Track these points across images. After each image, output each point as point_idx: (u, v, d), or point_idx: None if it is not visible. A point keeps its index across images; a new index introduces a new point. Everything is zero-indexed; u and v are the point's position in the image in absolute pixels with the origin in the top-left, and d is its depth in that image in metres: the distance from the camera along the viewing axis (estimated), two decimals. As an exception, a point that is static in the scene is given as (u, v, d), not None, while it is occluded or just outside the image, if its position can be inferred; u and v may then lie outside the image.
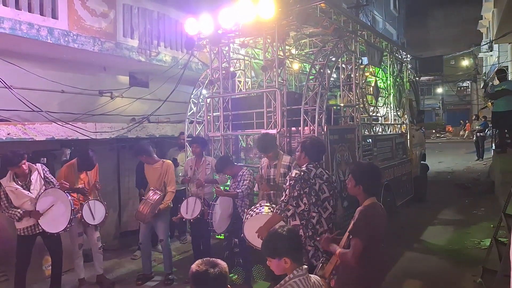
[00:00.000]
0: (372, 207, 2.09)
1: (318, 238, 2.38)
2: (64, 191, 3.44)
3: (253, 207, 3.28)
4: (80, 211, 3.65)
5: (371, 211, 2.07)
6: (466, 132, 24.68)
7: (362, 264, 1.98)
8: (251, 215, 3.15)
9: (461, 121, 25.59)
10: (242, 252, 3.63)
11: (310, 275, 1.68)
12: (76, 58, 4.91)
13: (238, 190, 3.59)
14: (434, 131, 24.70)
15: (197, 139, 4.13)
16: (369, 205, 2.10)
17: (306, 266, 1.67)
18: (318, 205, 2.71)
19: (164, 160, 4.06)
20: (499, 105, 6.75)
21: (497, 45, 14.69)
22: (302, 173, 2.71)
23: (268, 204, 3.21)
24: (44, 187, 3.42)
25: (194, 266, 1.39)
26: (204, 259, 1.42)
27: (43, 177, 3.45)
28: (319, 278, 1.75)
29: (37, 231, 3.37)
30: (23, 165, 3.29)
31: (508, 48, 13.79)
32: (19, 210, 3.27)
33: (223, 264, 1.41)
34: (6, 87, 4.07)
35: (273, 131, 3.88)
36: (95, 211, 3.71)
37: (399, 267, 4.05)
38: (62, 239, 3.58)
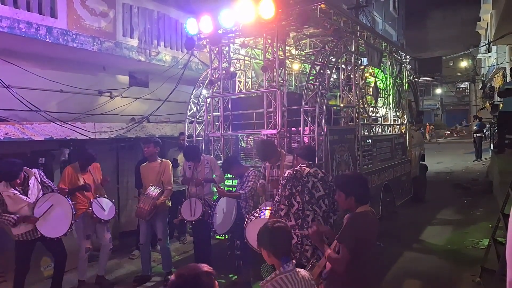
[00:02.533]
0: (361, 214, 2.05)
1: (309, 227, 2.34)
2: (64, 196, 3.40)
3: (254, 212, 3.27)
4: (90, 208, 3.62)
5: (359, 218, 2.03)
6: (426, 134, 24.13)
7: (349, 271, 1.96)
8: (252, 220, 3.15)
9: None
10: (244, 255, 3.62)
11: (299, 269, 1.69)
12: (75, 57, 4.89)
13: (241, 191, 3.58)
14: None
15: (190, 156, 3.92)
16: (358, 212, 2.06)
17: (294, 261, 1.68)
18: (313, 203, 2.71)
19: (163, 159, 4.07)
20: (507, 104, 6.68)
21: (495, 46, 14.76)
22: (294, 172, 2.73)
23: (270, 208, 3.21)
24: (42, 191, 3.36)
25: (173, 278, 1.17)
26: (187, 268, 1.20)
27: (40, 181, 3.38)
28: (307, 272, 1.75)
29: (36, 236, 3.30)
30: (21, 174, 3.24)
31: (506, 49, 13.86)
32: (13, 216, 3.17)
33: (205, 277, 1.17)
34: (4, 87, 4.04)
35: (273, 131, 3.88)
36: (105, 207, 3.71)
37: (398, 267, 4.06)
38: (64, 240, 3.53)
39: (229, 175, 4.07)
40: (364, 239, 2.00)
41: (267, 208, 3.16)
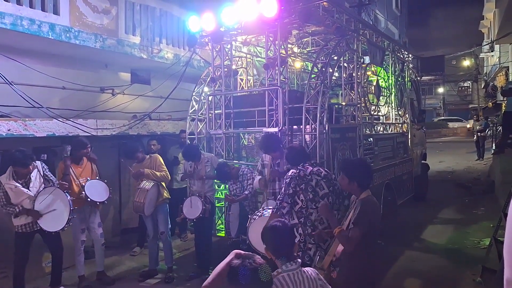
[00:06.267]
0: (371, 200, 2.19)
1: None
2: (63, 191, 3.42)
3: (256, 211, 3.29)
4: (82, 192, 3.61)
5: (371, 204, 2.17)
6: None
7: (364, 256, 2.04)
8: (254, 219, 3.17)
9: None
10: (249, 250, 3.65)
11: (304, 268, 1.69)
12: (77, 54, 4.91)
13: (246, 192, 3.65)
14: None
15: (189, 156, 3.95)
16: (368, 197, 2.19)
17: (299, 260, 1.68)
18: (316, 201, 2.71)
19: (151, 155, 4.10)
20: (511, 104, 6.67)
21: (498, 45, 14.69)
22: (298, 171, 2.74)
23: (271, 207, 3.22)
24: (43, 185, 3.40)
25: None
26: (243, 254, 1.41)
27: (42, 174, 3.43)
28: (315, 270, 1.75)
29: (35, 229, 3.36)
30: (30, 167, 3.29)
31: (509, 48, 13.79)
32: (16, 207, 3.25)
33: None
34: (7, 83, 4.05)
35: (275, 129, 3.88)
36: (99, 190, 3.71)
37: (399, 266, 4.06)
38: (62, 236, 3.57)
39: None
40: (374, 223, 2.12)
41: (269, 207, 3.17)
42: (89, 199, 3.61)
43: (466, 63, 24.73)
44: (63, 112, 4.51)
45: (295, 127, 4.04)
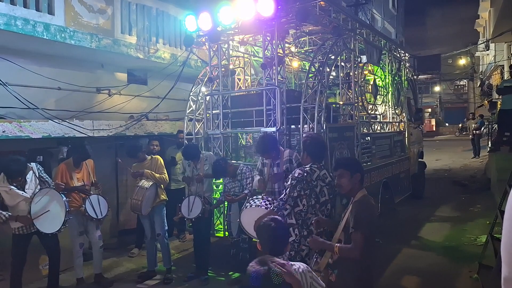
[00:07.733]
0: (368, 198, 2.13)
1: (308, 240, 2.35)
2: (59, 192, 3.41)
3: (250, 199, 3.35)
4: (83, 205, 3.63)
5: (369, 202, 2.11)
6: None
7: (364, 257, 2.00)
8: (247, 207, 3.25)
9: None
10: (249, 246, 3.64)
11: (293, 263, 1.71)
12: (73, 54, 4.86)
13: (245, 191, 3.65)
14: None
15: (189, 156, 3.92)
16: (364, 196, 2.12)
17: (286, 255, 1.71)
18: (317, 208, 2.72)
19: (152, 156, 4.10)
20: (506, 102, 6.71)
21: (493, 44, 14.79)
22: (305, 174, 2.69)
23: (260, 196, 3.31)
24: (39, 186, 3.38)
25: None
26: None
27: (37, 176, 3.40)
28: (306, 265, 1.76)
29: (32, 230, 3.35)
30: (18, 179, 3.27)
31: (504, 47, 13.89)
32: (4, 213, 3.18)
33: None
34: (2, 84, 4.01)
35: (272, 129, 3.88)
36: (99, 206, 3.71)
37: (396, 264, 4.08)
38: (59, 238, 3.55)
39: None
40: (372, 224, 2.07)
41: (258, 197, 3.26)
42: (87, 214, 3.65)
43: (462, 61, 24.89)
44: (59, 113, 4.47)
45: (293, 126, 4.04)
